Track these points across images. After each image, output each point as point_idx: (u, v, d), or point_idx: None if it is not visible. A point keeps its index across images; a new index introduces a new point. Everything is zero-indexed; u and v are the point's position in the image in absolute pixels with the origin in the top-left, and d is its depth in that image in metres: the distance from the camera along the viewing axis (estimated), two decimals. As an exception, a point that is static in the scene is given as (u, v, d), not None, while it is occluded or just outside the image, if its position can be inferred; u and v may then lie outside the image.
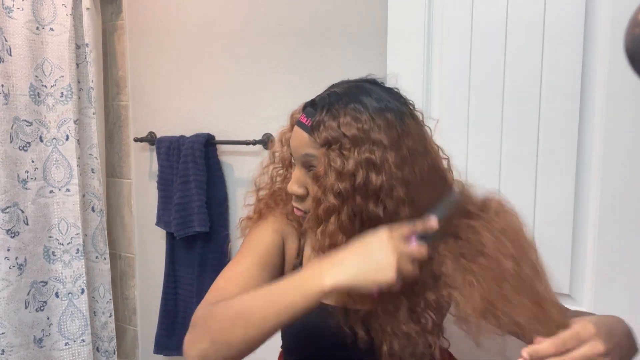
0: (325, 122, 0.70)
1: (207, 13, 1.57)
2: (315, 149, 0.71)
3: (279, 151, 0.86)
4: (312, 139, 0.71)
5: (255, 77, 1.49)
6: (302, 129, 0.73)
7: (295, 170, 0.76)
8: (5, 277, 1.51)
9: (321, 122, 0.70)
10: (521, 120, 0.95)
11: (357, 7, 1.29)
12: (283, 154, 0.86)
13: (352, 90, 0.73)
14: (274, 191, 0.87)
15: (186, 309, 1.63)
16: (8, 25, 1.51)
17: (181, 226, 1.54)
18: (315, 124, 0.71)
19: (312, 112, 0.73)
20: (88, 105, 1.69)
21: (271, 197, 0.87)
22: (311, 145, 0.72)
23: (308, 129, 0.72)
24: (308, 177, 0.74)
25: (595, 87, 0.88)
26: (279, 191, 0.86)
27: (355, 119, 0.69)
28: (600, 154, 0.88)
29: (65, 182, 1.64)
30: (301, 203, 0.76)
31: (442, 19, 1.03)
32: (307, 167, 0.74)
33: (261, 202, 0.87)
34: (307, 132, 0.72)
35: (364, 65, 1.28)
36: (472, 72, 1.00)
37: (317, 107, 0.72)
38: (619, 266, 0.88)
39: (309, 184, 0.74)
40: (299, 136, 0.74)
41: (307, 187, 0.74)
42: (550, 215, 0.93)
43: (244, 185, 1.55)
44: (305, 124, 0.73)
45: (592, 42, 0.88)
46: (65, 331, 1.67)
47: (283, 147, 0.85)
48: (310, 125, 0.72)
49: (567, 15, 0.89)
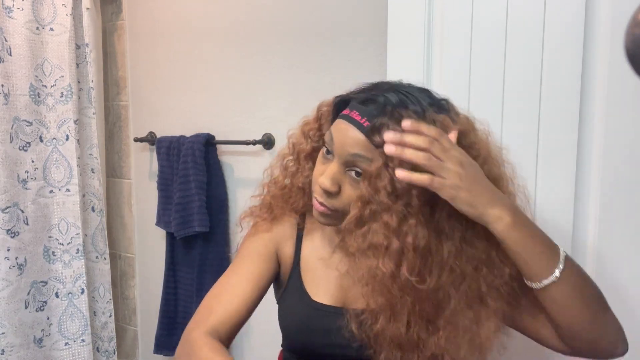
0: (390, 126, 0.66)
1: (207, 13, 1.57)
2: (370, 152, 0.68)
3: (298, 142, 0.83)
4: (368, 141, 0.68)
5: (255, 77, 1.49)
6: (355, 127, 0.69)
7: (332, 165, 0.72)
8: (5, 277, 1.51)
9: (385, 125, 0.67)
10: (521, 119, 0.95)
11: (357, 7, 1.29)
12: (301, 147, 0.82)
13: (403, 90, 0.71)
14: (285, 186, 0.85)
15: (186, 309, 1.63)
16: (8, 25, 1.51)
17: (181, 226, 1.54)
18: (379, 125, 0.67)
19: (369, 112, 0.69)
20: (88, 105, 1.69)
21: (282, 192, 0.85)
22: (366, 146, 0.68)
23: (365, 129, 0.68)
24: (345, 176, 0.72)
25: (595, 87, 0.88)
26: (289, 185, 0.84)
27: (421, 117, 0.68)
28: (600, 153, 0.88)
29: (65, 182, 1.64)
30: (328, 199, 0.73)
31: (442, 19, 1.03)
32: (349, 166, 0.71)
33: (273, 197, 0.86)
34: (363, 133, 0.68)
35: (364, 65, 1.28)
36: (472, 72, 1.00)
37: (378, 108, 0.69)
38: (619, 265, 0.88)
39: (346, 182, 0.72)
40: (350, 134, 0.69)
41: (341, 185, 0.72)
42: (550, 214, 0.93)
43: (244, 185, 1.55)
44: (361, 123, 0.69)
45: (592, 42, 0.88)
46: (65, 331, 1.67)
47: (305, 139, 0.82)
48: (368, 126, 0.68)
49: (567, 15, 0.89)
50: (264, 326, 1.44)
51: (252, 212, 0.88)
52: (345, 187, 0.72)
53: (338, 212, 0.73)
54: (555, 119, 0.92)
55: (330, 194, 0.72)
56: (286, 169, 0.85)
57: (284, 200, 0.85)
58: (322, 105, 0.82)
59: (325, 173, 0.72)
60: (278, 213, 0.85)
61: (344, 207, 0.72)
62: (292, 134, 0.85)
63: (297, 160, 0.84)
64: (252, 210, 0.89)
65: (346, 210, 0.72)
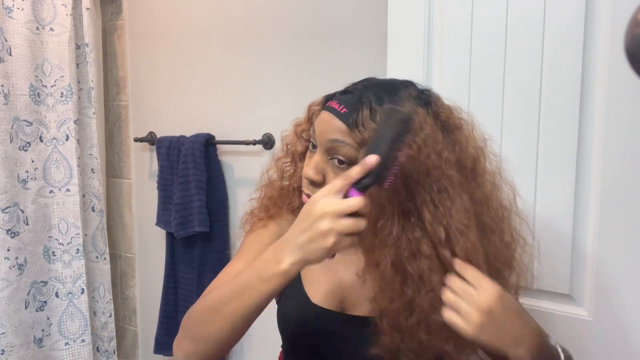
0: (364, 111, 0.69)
1: (207, 13, 1.57)
2: (348, 137, 0.69)
3: (291, 144, 0.85)
4: (345, 126, 0.70)
5: (255, 77, 1.49)
6: (333, 115, 0.71)
7: (315, 156, 0.74)
8: (5, 277, 1.51)
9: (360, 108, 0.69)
10: (521, 120, 0.95)
11: (357, 7, 1.29)
12: (295, 148, 0.84)
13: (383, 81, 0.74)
14: (282, 187, 0.85)
15: (186, 309, 1.61)
16: (8, 25, 1.51)
17: (181, 226, 1.54)
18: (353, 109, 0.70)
19: (346, 100, 0.71)
20: (88, 105, 1.69)
21: (279, 193, 0.86)
22: (344, 132, 0.70)
23: (342, 115, 0.70)
24: (328, 165, 0.72)
25: (595, 87, 0.88)
26: (287, 187, 0.85)
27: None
28: (600, 154, 0.88)
29: (65, 182, 1.64)
30: (314, 190, 0.73)
31: (442, 19, 1.03)
32: (331, 154, 0.72)
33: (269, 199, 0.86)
34: (341, 119, 0.70)
35: (364, 65, 1.28)
36: (472, 72, 1.00)
37: (355, 96, 0.71)
38: (619, 266, 0.88)
39: (330, 171, 0.72)
40: (329, 121, 0.72)
41: (325, 174, 0.73)
42: (550, 215, 0.93)
43: (244, 185, 1.55)
44: (338, 110, 0.71)
45: (592, 42, 0.88)
46: (65, 331, 1.67)
47: (298, 140, 0.83)
48: (346, 112, 0.70)
49: (567, 15, 0.89)
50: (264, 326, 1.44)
51: (253, 214, 0.89)
52: (329, 177, 0.72)
53: None
54: (555, 119, 0.92)
55: (315, 184, 0.73)
56: (281, 170, 0.86)
57: (281, 201, 0.85)
58: (313, 105, 0.83)
59: (310, 164, 0.74)
60: (275, 213, 0.85)
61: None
62: (285, 136, 0.87)
63: (292, 162, 0.85)
64: (253, 213, 0.89)
65: None
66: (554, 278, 0.94)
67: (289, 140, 0.85)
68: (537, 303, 0.96)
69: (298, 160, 0.84)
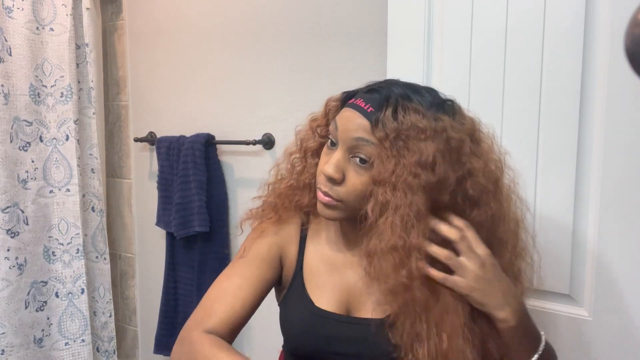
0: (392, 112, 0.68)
1: (207, 13, 1.57)
2: (372, 136, 0.69)
3: (305, 139, 0.83)
4: (371, 125, 0.69)
5: (255, 77, 1.49)
6: (359, 113, 0.70)
7: (335, 153, 0.72)
8: (5, 277, 1.51)
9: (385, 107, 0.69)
10: (521, 120, 0.95)
11: (357, 7, 1.29)
12: (307, 144, 0.82)
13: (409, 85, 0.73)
14: (290, 184, 0.84)
15: (186, 309, 1.63)
16: (8, 25, 1.51)
17: (181, 226, 1.54)
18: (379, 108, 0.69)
19: (372, 99, 0.70)
20: (88, 105, 1.69)
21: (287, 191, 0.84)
22: (369, 131, 0.69)
23: (369, 114, 0.69)
24: (349, 163, 0.72)
25: (595, 87, 0.88)
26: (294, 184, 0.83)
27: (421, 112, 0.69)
28: (600, 153, 0.88)
29: (65, 182, 1.64)
30: (333, 188, 0.72)
31: (442, 19, 1.03)
32: (353, 152, 0.71)
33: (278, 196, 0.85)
34: (367, 118, 0.69)
35: (364, 65, 1.28)
36: (472, 72, 1.00)
37: (381, 97, 0.70)
38: (619, 266, 0.88)
39: (351, 170, 0.71)
40: (353, 119, 0.71)
41: (345, 173, 0.72)
42: (550, 215, 0.93)
43: (244, 185, 1.55)
44: (365, 109, 0.70)
45: (592, 42, 0.88)
46: (65, 331, 1.67)
47: (312, 135, 0.82)
48: (372, 112, 0.69)
49: (567, 15, 0.89)
50: (265, 326, 1.44)
51: (254, 214, 0.87)
52: (350, 175, 0.71)
53: (342, 204, 0.73)
54: (555, 119, 0.92)
55: (335, 182, 0.72)
56: (293, 165, 0.84)
57: (290, 198, 0.83)
58: (330, 101, 0.81)
59: (330, 160, 0.72)
60: (283, 213, 0.84)
61: (348, 197, 0.72)
62: (299, 130, 0.85)
63: (303, 158, 0.83)
64: (254, 212, 0.87)
65: (350, 200, 0.72)
66: (554, 278, 0.94)
67: (302, 135, 0.84)
68: (537, 303, 0.96)
69: (310, 156, 0.82)
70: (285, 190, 0.84)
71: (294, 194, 0.83)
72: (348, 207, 0.73)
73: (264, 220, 0.85)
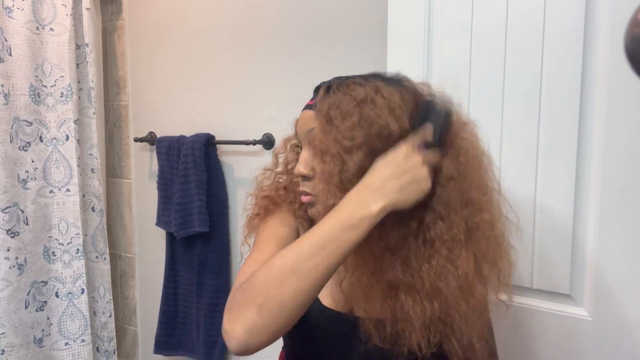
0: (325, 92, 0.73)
1: (207, 13, 1.57)
2: (315, 121, 0.73)
3: (282, 154, 0.88)
4: (314, 112, 0.73)
5: (255, 77, 1.49)
6: (308, 109, 0.76)
7: (302, 152, 0.77)
8: (5, 277, 1.51)
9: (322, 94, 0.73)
10: (521, 120, 0.95)
11: (357, 7, 1.29)
12: (287, 158, 0.87)
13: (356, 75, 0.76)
14: (278, 189, 0.87)
15: (186, 309, 1.63)
16: (8, 25, 1.51)
17: (181, 226, 1.54)
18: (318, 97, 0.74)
19: (316, 93, 0.76)
20: (88, 105, 1.69)
21: (276, 194, 0.86)
22: (313, 118, 0.74)
23: (312, 106, 0.75)
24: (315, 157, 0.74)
25: (595, 87, 0.88)
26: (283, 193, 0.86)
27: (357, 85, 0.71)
28: (600, 153, 0.88)
29: (65, 182, 1.64)
30: (308, 185, 0.76)
31: (442, 19, 1.03)
32: (312, 145, 0.74)
33: (265, 199, 0.86)
34: (312, 109, 0.74)
35: (364, 65, 1.28)
36: (472, 72, 1.00)
37: (325, 88, 0.75)
38: (619, 266, 0.88)
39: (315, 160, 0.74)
40: (305, 116, 0.77)
41: (315, 167, 0.74)
42: (550, 215, 0.93)
43: (244, 185, 1.55)
44: (310, 104, 0.76)
45: (592, 42, 0.88)
46: (65, 331, 1.67)
47: (287, 151, 0.87)
48: (314, 102, 0.74)
49: (567, 15, 0.89)
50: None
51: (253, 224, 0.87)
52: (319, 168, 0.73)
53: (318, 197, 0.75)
54: (555, 119, 0.92)
55: (307, 179, 0.76)
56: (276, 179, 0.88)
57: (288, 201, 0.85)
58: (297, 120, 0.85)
59: (299, 160, 0.77)
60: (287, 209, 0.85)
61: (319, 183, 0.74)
62: (277, 148, 0.90)
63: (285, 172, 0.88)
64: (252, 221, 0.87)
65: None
66: (554, 278, 0.94)
67: (279, 150, 0.89)
68: (537, 303, 0.96)
69: (291, 170, 0.86)
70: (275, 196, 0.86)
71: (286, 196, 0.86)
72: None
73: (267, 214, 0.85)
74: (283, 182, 0.87)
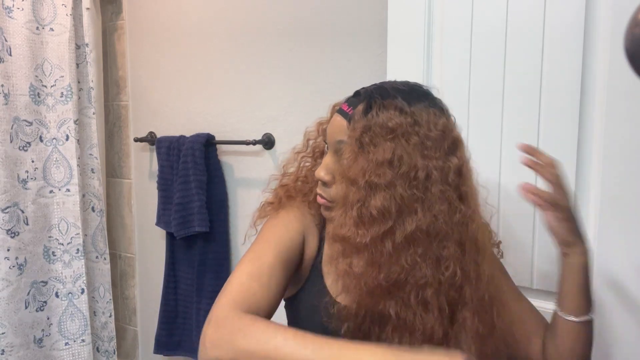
0: (364, 110, 0.71)
1: (207, 13, 1.57)
2: (347, 135, 0.72)
3: (313, 139, 0.86)
4: (347, 125, 0.72)
5: (255, 77, 1.49)
6: (342, 116, 0.74)
7: (326, 157, 0.76)
8: (5, 277, 1.51)
9: (361, 110, 0.71)
10: (521, 120, 0.95)
11: (357, 7, 1.29)
12: (316, 144, 0.86)
13: (399, 86, 0.73)
14: (298, 179, 0.86)
15: (186, 309, 1.63)
16: (8, 25, 1.51)
17: (181, 226, 1.54)
18: (356, 112, 0.72)
19: (355, 102, 0.73)
20: (88, 105, 1.69)
21: (294, 184, 0.86)
22: (346, 131, 0.72)
23: (348, 116, 0.73)
24: (338, 165, 0.73)
25: (595, 87, 0.88)
26: (304, 179, 0.85)
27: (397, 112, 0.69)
28: (600, 153, 0.88)
29: (65, 182, 1.64)
30: (325, 190, 0.76)
31: (442, 19, 1.03)
32: (339, 155, 0.73)
33: (283, 188, 0.86)
34: (347, 120, 0.72)
35: (364, 65, 1.28)
36: (472, 72, 1.00)
37: (361, 97, 0.73)
38: (619, 266, 0.88)
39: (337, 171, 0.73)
40: (337, 123, 0.75)
41: (335, 175, 0.74)
42: (550, 215, 0.93)
43: (244, 185, 1.55)
44: (346, 112, 0.73)
45: (592, 42, 0.88)
46: (65, 331, 1.67)
47: (318, 137, 0.85)
48: (352, 113, 0.72)
49: (567, 15, 0.89)
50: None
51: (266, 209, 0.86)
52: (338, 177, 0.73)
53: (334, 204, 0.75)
54: (555, 119, 0.92)
55: (325, 184, 0.76)
56: (301, 164, 0.87)
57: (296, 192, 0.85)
58: (337, 104, 0.83)
59: (321, 165, 0.76)
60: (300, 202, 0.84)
61: (337, 197, 0.73)
62: (309, 132, 0.88)
63: (312, 157, 0.86)
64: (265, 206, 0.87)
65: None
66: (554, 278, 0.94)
67: (311, 135, 0.87)
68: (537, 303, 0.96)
69: (318, 156, 0.85)
70: (293, 185, 0.86)
71: (302, 189, 0.85)
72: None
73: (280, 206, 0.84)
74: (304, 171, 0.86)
